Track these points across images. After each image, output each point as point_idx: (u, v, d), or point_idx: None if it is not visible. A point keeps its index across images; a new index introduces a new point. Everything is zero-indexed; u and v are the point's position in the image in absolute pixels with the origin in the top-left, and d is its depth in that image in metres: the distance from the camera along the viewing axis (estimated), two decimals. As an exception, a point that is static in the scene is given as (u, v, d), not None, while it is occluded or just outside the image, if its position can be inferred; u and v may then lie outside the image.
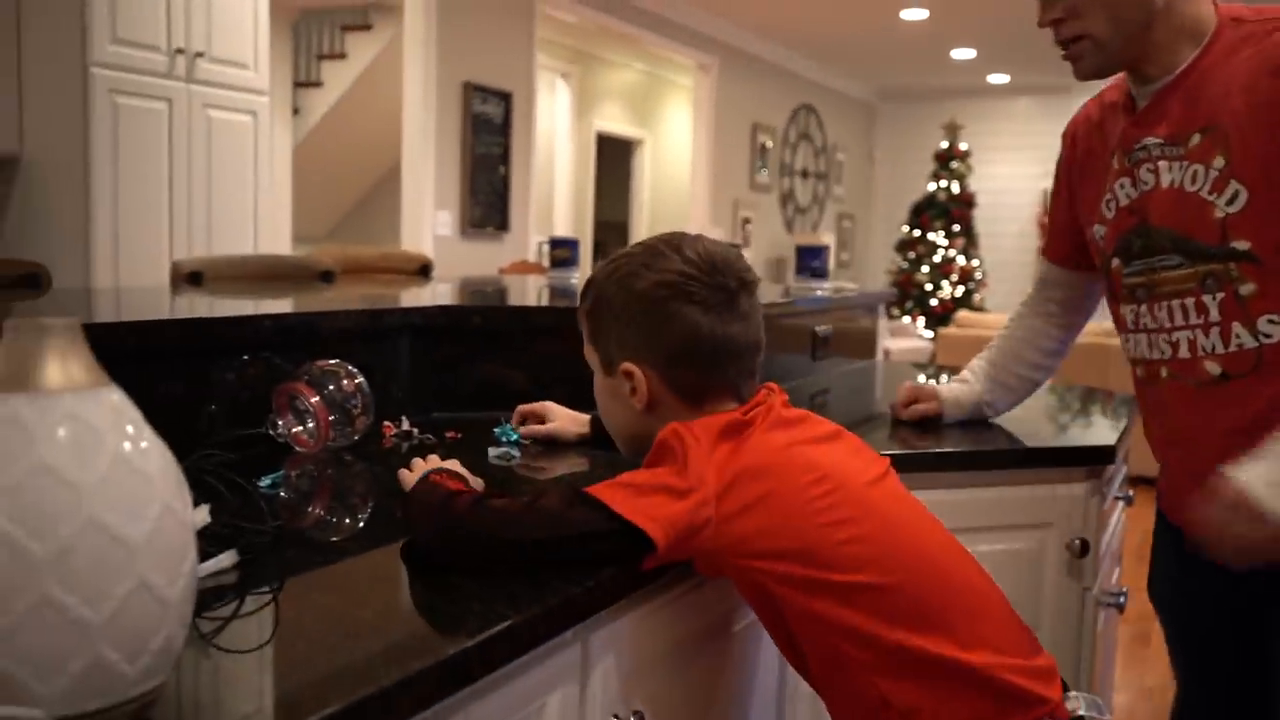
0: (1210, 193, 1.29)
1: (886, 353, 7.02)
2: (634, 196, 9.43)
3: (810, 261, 2.89)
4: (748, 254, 8.43)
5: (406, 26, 5.25)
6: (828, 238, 8.92)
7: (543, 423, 1.60)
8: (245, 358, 1.45)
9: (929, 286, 9.74)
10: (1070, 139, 1.57)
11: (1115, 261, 1.42)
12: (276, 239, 5.47)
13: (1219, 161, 1.28)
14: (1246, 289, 1.27)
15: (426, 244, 5.30)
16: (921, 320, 9.66)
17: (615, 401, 1.14)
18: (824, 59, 8.93)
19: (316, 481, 1.34)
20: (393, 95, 7.28)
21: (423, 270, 3.48)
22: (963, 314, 6.77)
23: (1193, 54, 1.32)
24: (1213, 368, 1.31)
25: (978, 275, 9.78)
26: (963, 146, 9.74)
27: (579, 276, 3.25)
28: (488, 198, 5.63)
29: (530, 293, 2.95)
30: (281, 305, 1.93)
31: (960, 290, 9.69)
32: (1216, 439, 1.30)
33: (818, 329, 2.45)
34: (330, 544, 1.10)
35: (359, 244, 8.38)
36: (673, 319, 1.08)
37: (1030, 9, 1.40)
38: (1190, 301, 1.32)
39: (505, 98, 5.70)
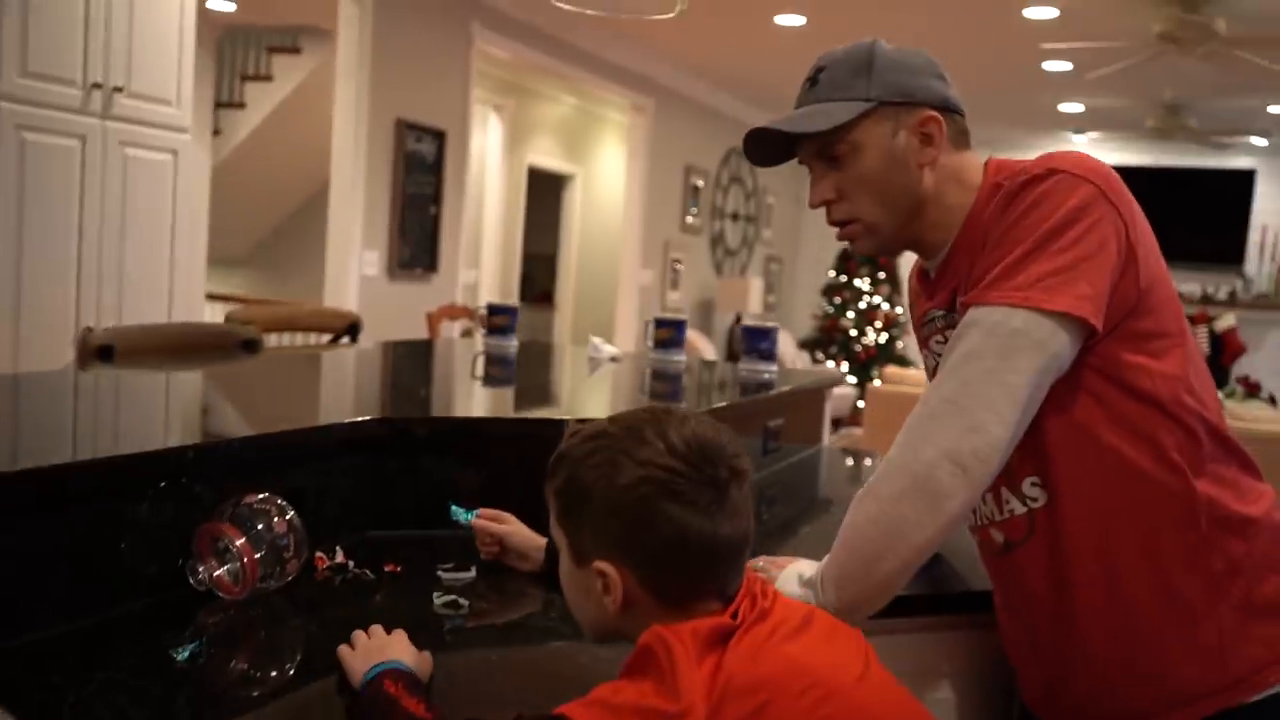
0: None
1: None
2: (564, 230, 9.32)
3: (758, 343, 2.81)
4: (675, 297, 8.38)
5: (340, 60, 5.08)
6: (755, 282, 8.91)
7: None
8: (162, 485, 1.30)
9: (853, 332, 9.81)
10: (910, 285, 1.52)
11: None
12: (192, 262, 5.21)
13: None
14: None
15: (352, 284, 5.11)
16: (845, 365, 9.71)
17: (585, 596, 1.02)
18: (758, 102, 8.95)
19: (239, 645, 1.20)
20: (318, 121, 7.07)
21: (350, 329, 3.32)
22: (890, 369, 6.79)
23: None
24: (997, 535, 1.29)
25: (901, 321, 9.88)
26: (890, 195, 9.83)
27: (515, 345, 3.12)
28: (417, 237, 5.47)
29: (464, 364, 2.82)
30: (196, 413, 1.78)
31: (884, 336, 9.78)
32: (1024, 611, 1.30)
33: (769, 423, 2.37)
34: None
35: (279, 271, 8.11)
36: (657, 520, 0.96)
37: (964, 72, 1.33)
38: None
39: (439, 136, 5.55)
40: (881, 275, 9.84)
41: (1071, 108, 8.33)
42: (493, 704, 1.08)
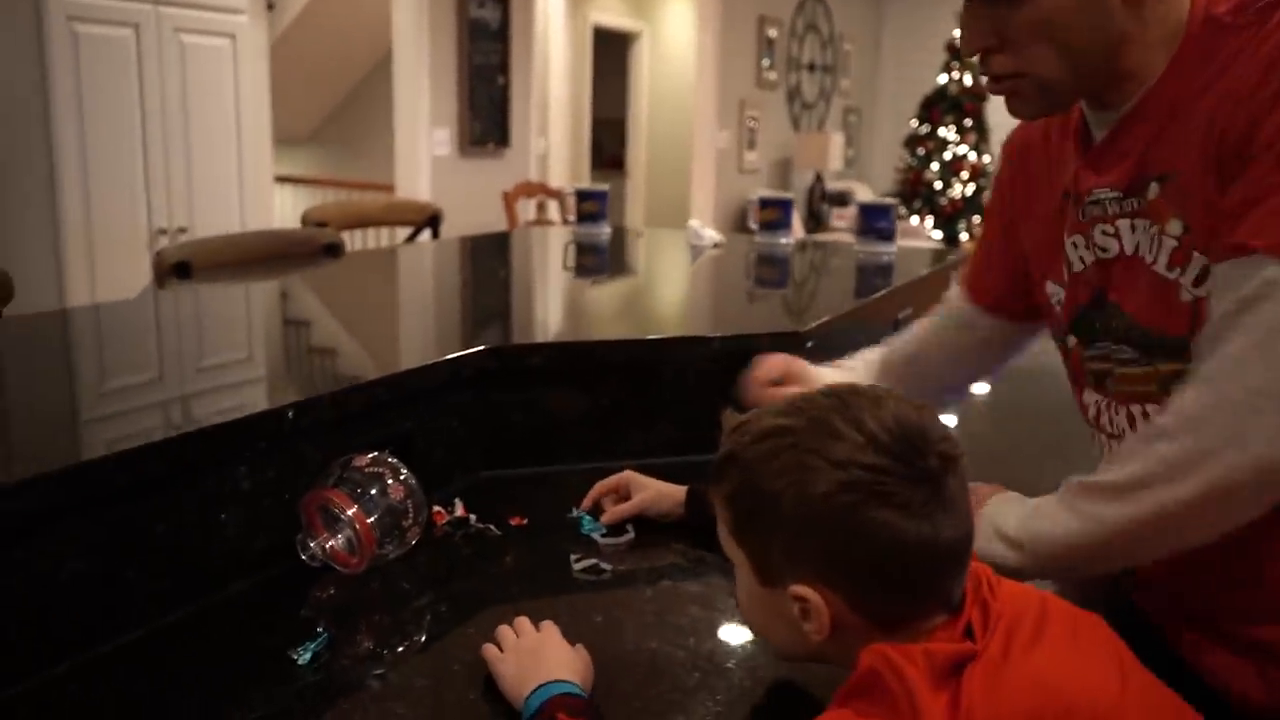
0: (1170, 268, 0.96)
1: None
2: (632, 93, 8.93)
3: (876, 222, 2.56)
4: (753, 157, 8.02)
5: (394, -75, 4.74)
6: (835, 137, 8.48)
7: (627, 498, 1.33)
8: (262, 447, 1.15)
9: (938, 185, 9.35)
10: (1012, 156, 1.21)
11: (1073, 340, 1.09)
12: (259, 147, 5.01)
13: (1175, 226, 0.95)
14: None
15: (424, 165, 4.91)
16: (930, 220, 9.31)
17: (776, 620, 0.83)
18: (834, -58, 8.35)
19: (362, 636, 1.06)
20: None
21: (431, 221, 3.13)
22: (979, 224, 6.43)
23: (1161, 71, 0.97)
24: None
25: (989, 171, 9.39)
26: (977, 35, 9.21)
27: (608, 232, 2.91)
28: (487, 111, 5.21)
29: (556, 258, 2.62)
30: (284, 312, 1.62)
31: (971, 189, 9.32)
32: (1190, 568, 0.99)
33: (900, 316, 2.15)
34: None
35: (345, 148, 7.91)
36: (867, 532, 0.76)
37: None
38: (1152, 409, 0.99)
39: (503, 0, 5.22)
40: (968, 123, 9.30)
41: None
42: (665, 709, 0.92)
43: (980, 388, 1.95)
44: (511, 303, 2.12)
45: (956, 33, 9.22)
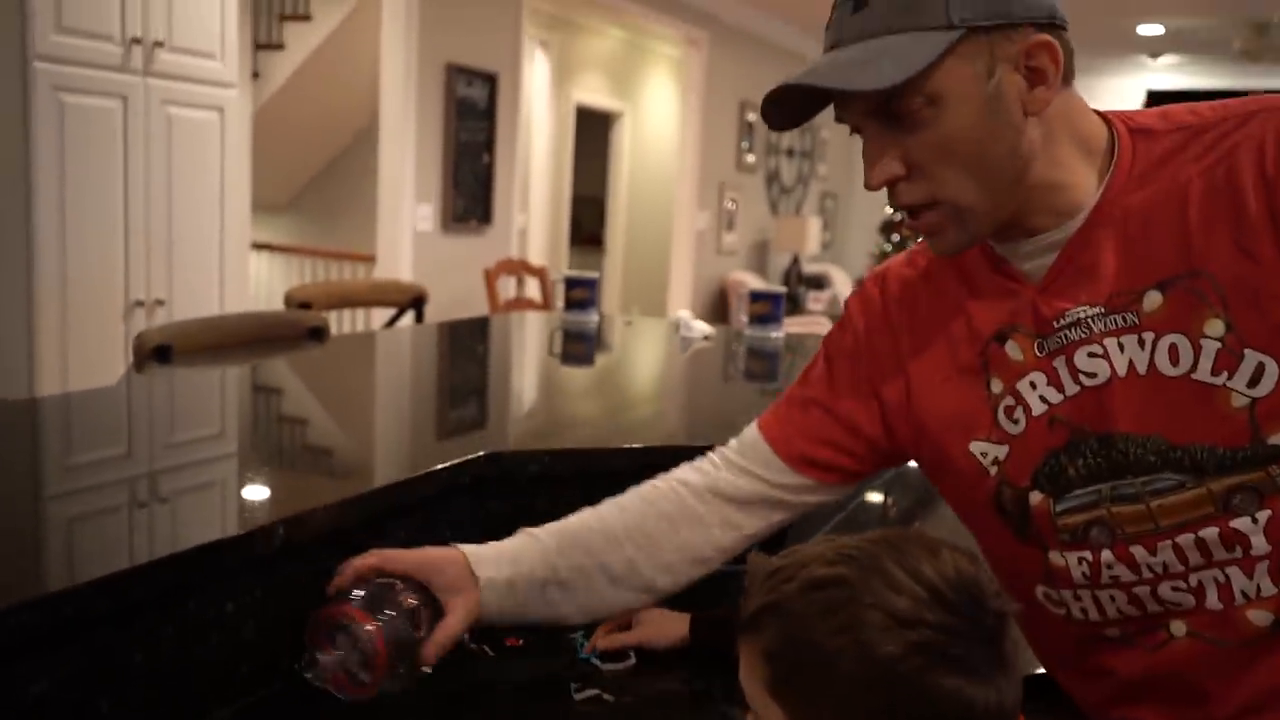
0: (1216, 373, 0.90)
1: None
2: (612, 172, 9.01)
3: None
4: (731, 238, 8.08)
5: (386, 4, 4.78)
6: (813, 220, 8.57)
7: (627, 626, 1.27)
8: (248, 567, 1.09)
9: (913, 270, 9.46)
10: (889, 290, 1.11)
11: (1036, 496, 0.98)
12: (239, 215, 4.96)
13: (1216, 327, 0.89)
14: None
15: (405, 240, 4.88)
16: (904, 305, 9.40)
17: None
18: (813, 31, 8.53)
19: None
20: (360, 61, 6.78)
21: (415, 302, 3.10)
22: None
23: (1098, 183, 0.94)
24: (1260, 617, 0.92)
25: (962, 259, 9.52)
26: (952, 126, 9.41)
27: (596, 320, 2.89)
28: (470, 188, 5.22)
29: (544, 349, 2.59)
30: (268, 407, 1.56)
31: (945, 275, 9.44)
32: (1243, 701, 0.94)
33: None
34: None
35: (323, 217, 7.88)
36: (936, 697, 0.70)
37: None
38: (1212, 533, 0.91)
39: (490, 79, 5.26)
40: (942, 211, 9.45)
41: (1151, 29, 7.83)
42: None
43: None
44: (507, 400, 2.08)
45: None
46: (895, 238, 9.55)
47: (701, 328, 2.65)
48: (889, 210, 9.57)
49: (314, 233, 7.87)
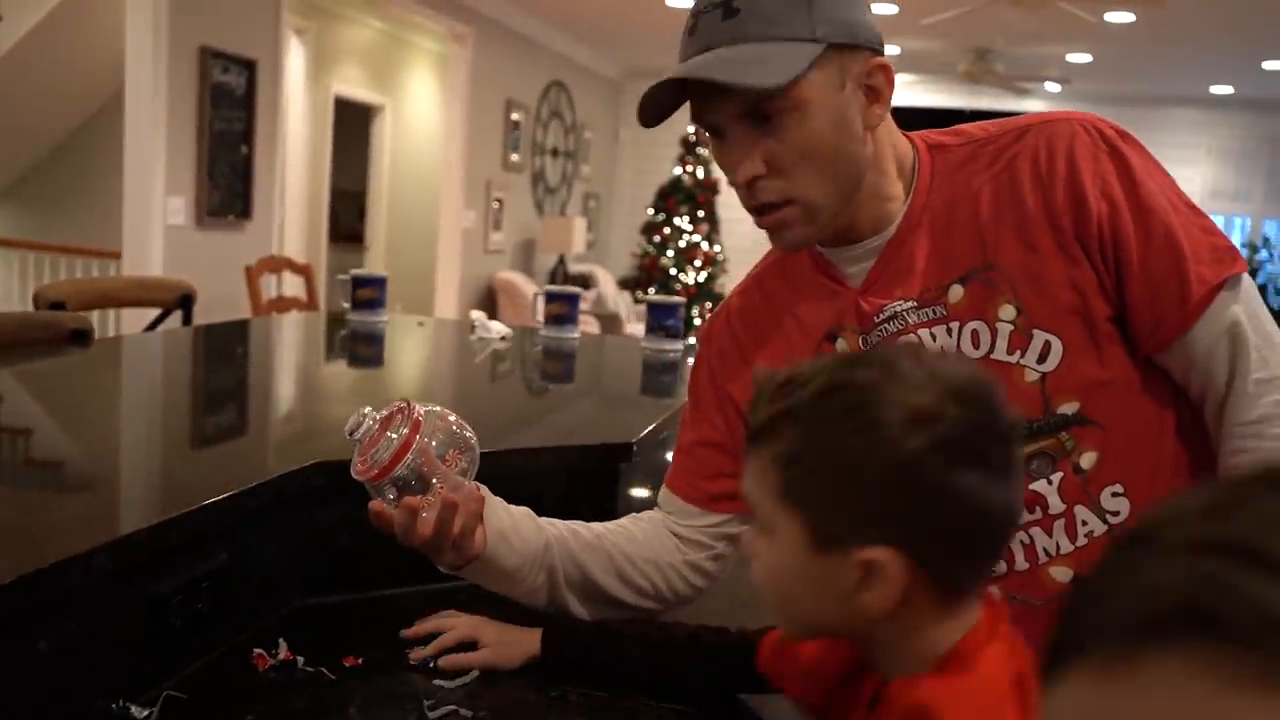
0: (1010, 352, 1.03)
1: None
2: (373, 166, 8.72)
3: (664, 320, 2.60)
4: (498, 237, 8.03)
5: (132, -21, 4.41)
6: (579, 221, 8.65)
7: (465, 647, 1.19)
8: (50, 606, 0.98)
9: (674, 271, 9.74)
10: (729, 320, 1.21)
11: None
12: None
13: (1008, 311, 1.03)
14: (1087, 459, 1.03)
15: (156, 234, 4.53)
16: (666, 305, 9.65)
17: (822, 591, 0.75)
18: (578, 33, 8.60)
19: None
20: (94, 38, 6.24)
21: (183, 302, 2.88)
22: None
23: (906, 193, 1.08)
24: (1062, 574, 1.04)
25: (720, 260, 9.89)
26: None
27: (385, 320, 2.79)
28: (228, 181, 4.90)
29: (334, 350, 2.47)
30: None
31: (704, 275, 9.76)
32: None
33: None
34: None
35: (47, 207, 7.18)
36: (958, 492, 0.71)
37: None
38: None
39: (249, 65, 4.97)
40: (701, 213, 9.78)
41: (890, 49, 8.41)
42: None
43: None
44: (316, 406, 1.97)
45: (691, 129, 9.71)
46: (656, 239, 9.81)
47: (499, 328, 2.62)
48: (649, 212, 9.81)
49: (33, 226, 7.14)
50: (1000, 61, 8.25)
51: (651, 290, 9.73)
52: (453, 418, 1.12)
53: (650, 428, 1.67)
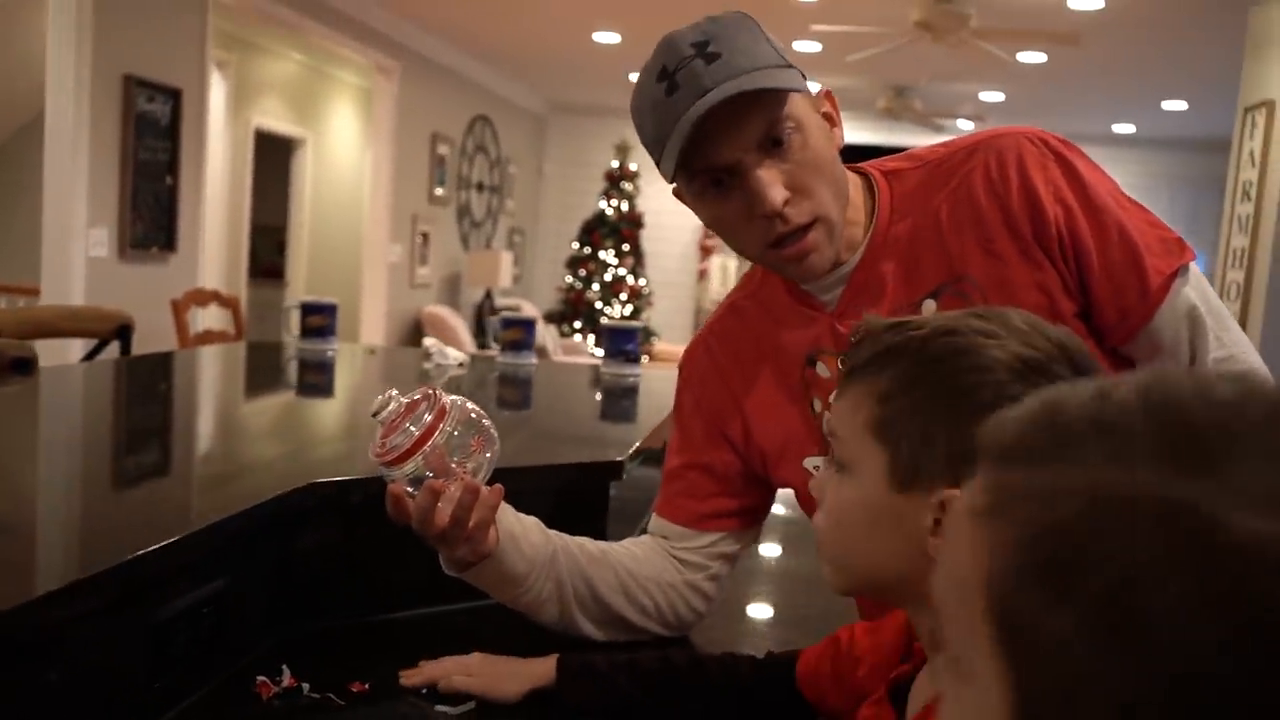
0: None
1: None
2: (294, 199, 8.58)
3: (623, 345, 2.59)
4: (425, 271, 7.94)
5: (52, 8, 4.28)
6: (505, 255, 8.61)
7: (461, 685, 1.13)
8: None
9: (599, 304, 9.74)
10: (691, 367, 1.25)
11: None
12: None
13: None
14: None
15: (78, 266, 4.38)
16: (592, 338, 9.64)
17: (891, 533, 0.75)
18: (502, 68, 8.62)
19: None
20: (7, 60, 6.04)
21: (121, 332, 2.78)
22: (659, 347, 6.75)
23: (868, 220, 1.13)
24: None
25: (645, 294, 9.93)
26: (632, 167, 9.82)
27: (334, 348, 2.72)
28: (152, 212, 4.77)
29: (287, 376, 2.40)
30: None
31: (630, 309, 9.79)
32: None
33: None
34: None
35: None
36: None
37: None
38: None
39: (174, 94, 4.85)
40: (626, 247, 9.82)
41: (811, 86, 8.59)
42: None
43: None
44: (303, 433, 1.91)
45: (615, 163, 9.78)
46: (582, 272, 9.81)
47: (455, 355, 2.58)
48: (574, 246, 9.82)
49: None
50: (918, 98, 8.51)
51: (577, 324, 9.73)
52: (474, 408, 1.10)
53: (635, 445, 1.66)
